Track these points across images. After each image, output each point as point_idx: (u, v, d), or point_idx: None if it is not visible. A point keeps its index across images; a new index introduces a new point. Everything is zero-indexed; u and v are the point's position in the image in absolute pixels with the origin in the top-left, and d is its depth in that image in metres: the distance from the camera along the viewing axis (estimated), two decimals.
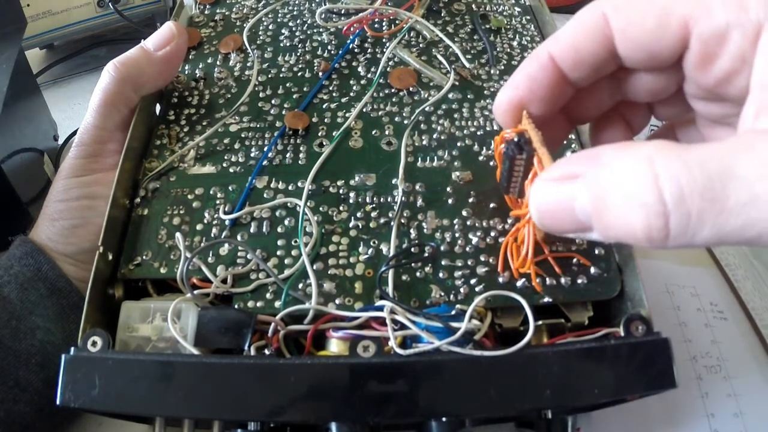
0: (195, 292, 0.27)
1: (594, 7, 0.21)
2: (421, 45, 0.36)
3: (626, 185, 0.17)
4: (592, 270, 0.27)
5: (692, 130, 0.25)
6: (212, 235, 0.29)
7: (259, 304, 0.27)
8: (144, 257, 0.28)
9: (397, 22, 0.37)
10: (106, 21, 0.59)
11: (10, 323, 0.28)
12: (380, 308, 0.26)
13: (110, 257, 0.28)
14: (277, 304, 0.27)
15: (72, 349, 0.25)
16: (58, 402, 0.24)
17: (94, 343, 0.25)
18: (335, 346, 0.26)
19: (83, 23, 0.59)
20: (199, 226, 0.29)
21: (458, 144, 0.32)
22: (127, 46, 0.68)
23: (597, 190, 0.17)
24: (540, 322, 0.26)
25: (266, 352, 0.26)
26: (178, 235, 0.28)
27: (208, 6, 0.39)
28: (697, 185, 0.16)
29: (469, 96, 0.34)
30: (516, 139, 0.24)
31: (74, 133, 0.51)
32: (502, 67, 0.35)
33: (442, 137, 0.32)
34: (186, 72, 0.35)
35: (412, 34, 0.37)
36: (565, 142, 0.31)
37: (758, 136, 0.16)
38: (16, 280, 0.29)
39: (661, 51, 0.20)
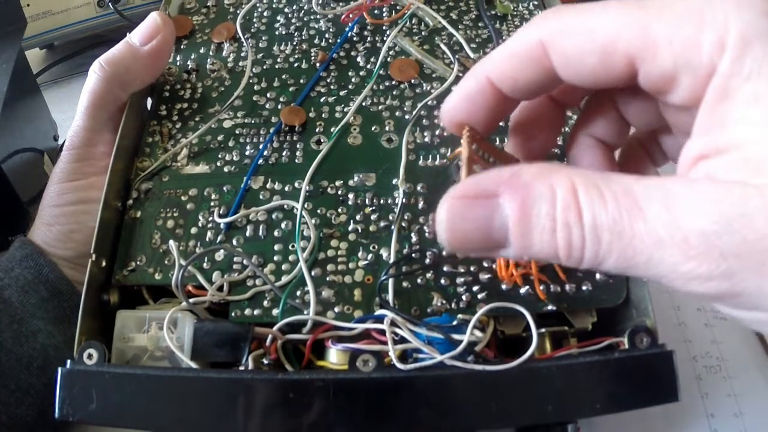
0: (191, 300, 0.26)
1: (529, 34, 0.20)
2: (423, 33, 0.35)
3: (551, 207, 0.17)
4: (597, 276, 0.27)
5: (671, 136, 0.24)
6: (207, 239, 0.28)
7: (256, 312, 0.26)
8: (138, 263, 0.27)
9: (398, 8, 0.35)
10: (106, 21, 0.59)
11: (12, 326, 0.28)
12: (380, 318, 0.25)
13: (103, 264, 0.27)
14: (275, 312, 0.26)
15: (68, 362, 0.24)
16: (56, 416, 0.23)
17: (90, 356, 0.25)
18: (335, 356, 0.25)
19: (83, 23, 0.58)
20: (193, 230, 0.28)
21: (461, 141, 0.30)
22: None
23: (521, 211, 0.17)
24: (543, 330, 0.26)
25: (264, 361, 0.25)
26: (171, 242, 0.27)
27: None
28: (608, 218, 0.16)
29: None
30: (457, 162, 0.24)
31: None
32: None
33: (445, 134, 0.31)
34: (177, 63, 0.34)
35: (413, 21, 0.35)
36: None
37: (676, 184, 0.16)
38: (16, 282, 0.28)
39: (607, 84, 0.19)
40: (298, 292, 0.26)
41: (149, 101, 0.33)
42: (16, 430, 0.27)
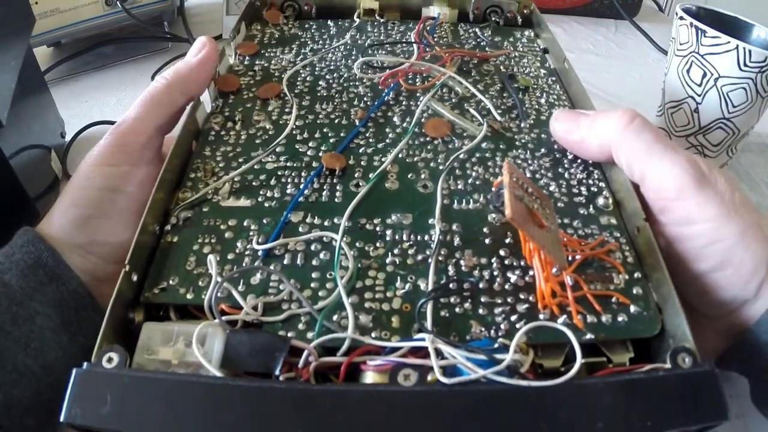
0: (223, 318, 0.25)
1: None
2: (453, 100, 0.38)
3: None
4: (632, 309, 0.26)
5: None
6: (244, 265, 0.28)
7: (290, 334, 0.25)
8: (170, 282, 0.27)
9: (429, 78, 0.39)
10: (114, 19, 0.60)
11: (11, 308, 0.27)
12: (421, 340, 0.25)
13: (135, 278, 0.27)
14: (310, 335, 0.25)
15: (85, 364, 0.23)
16: (62, 419, 0.22)
17: (110, 360, 0.23)
18: (371, 378, 0.24)
19: (91, 21, 0.59)
20: (230, 256, 0.28)
21: (493, 188, 0.32)
22: (134, 44, 0.67)
23: None
24: (583, 360, 0.25)
25: None
26: (210, 257, 0.27)
27: (247, 57, 0.41)
28: None
29: (501, 146, 0.34)
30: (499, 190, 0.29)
31: (82, 130, 0.51)
32: (532, 121, 0.36)
33: (477, 182, 0.32)
34: (225, 114, 0.36)
35: (444, 90, 0.38)
36: (595, 189, 0.32)
37: None
38: (17, 266, 0.28)
39: None
40: (335, 317, 0.26)
41: (194, 144, 0.34)
42: (12, 410, 0.26)
